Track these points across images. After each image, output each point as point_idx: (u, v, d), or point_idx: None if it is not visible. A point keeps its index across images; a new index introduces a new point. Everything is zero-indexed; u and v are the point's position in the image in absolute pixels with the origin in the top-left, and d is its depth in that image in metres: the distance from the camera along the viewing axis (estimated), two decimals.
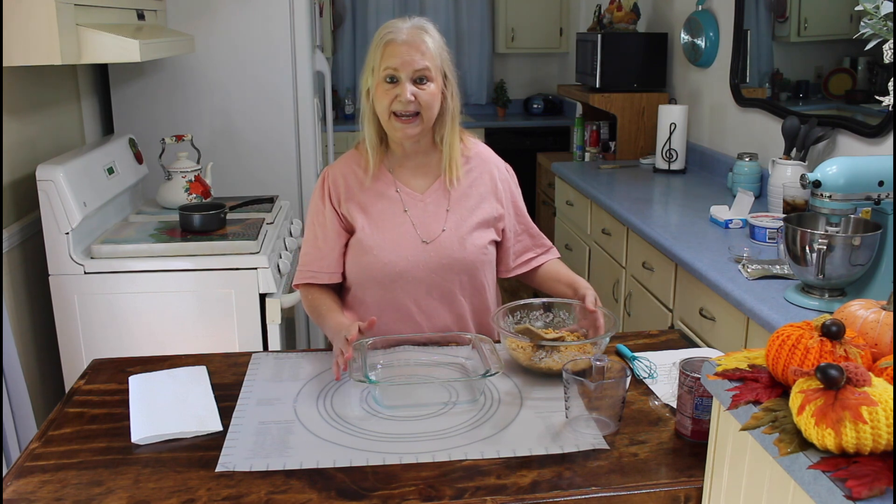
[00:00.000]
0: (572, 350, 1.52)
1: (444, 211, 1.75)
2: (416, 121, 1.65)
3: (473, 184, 1.78)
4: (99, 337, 2.35)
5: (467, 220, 1.75)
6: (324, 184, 1.78)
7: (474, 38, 5.76)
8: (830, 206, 1.77)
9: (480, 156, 1.83)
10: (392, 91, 1.63)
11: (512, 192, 1.86)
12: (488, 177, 1.81)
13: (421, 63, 1.62)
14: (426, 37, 1.65)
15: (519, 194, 1.88)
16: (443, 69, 1.68)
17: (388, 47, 1.63)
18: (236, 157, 3.21)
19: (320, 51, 3.44)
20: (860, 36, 2.03)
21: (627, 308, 2.87)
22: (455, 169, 1.75)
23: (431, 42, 1.65)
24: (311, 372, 1.60)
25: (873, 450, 0.83)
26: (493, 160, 1.85)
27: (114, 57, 2.21)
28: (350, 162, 1.78)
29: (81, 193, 2.33)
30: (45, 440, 1.35)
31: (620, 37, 3.83)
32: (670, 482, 1.21)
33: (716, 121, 3.43)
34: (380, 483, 1.21)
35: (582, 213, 3.42)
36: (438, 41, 1.68)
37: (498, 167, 1.85)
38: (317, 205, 1.78)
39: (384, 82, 1.64)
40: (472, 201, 1.77)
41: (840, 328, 0.95)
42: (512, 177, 1.88)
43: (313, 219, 1.79)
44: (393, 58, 1.62)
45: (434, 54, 1.65)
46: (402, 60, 1.61)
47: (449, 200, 1.76)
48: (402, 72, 1.62)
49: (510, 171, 1.89)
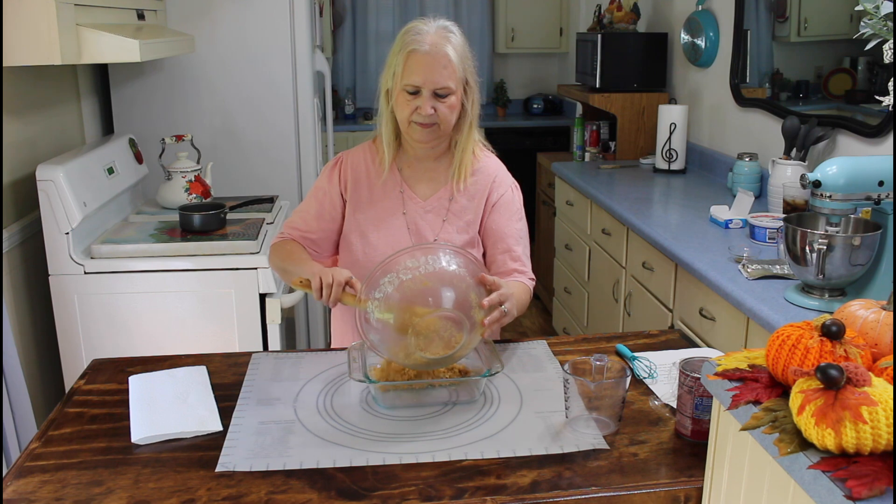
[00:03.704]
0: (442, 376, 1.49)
1: (441, 221, 1.75)
2: (433, 129, 1.66)
3: (473, 198, 1.77)
4: (99, 337, 2.35)
5: (461, 234, 1.75)
6: (337, 166, 1.80)
7: (474, 38, 5.76)
8: (830, 206, 1.77)
9: (484, 170, 1.78)
10: (413, 102, 1.64)
11: (501, 209, 1.77)
12: (486, 193, 1.77)
13: (443, 80, 1.62)
14: (449, 48, 1.62)
15: (511, 215, 1.78)
16: (465, 78, 1.67)
17: (411, 57, 1.62)
18: (236, 157, 3.22)
19: (320, 51, 3.44)
20: (860, 36, 2.03)
21: (627, 308, 2.87)
22: (463, 175, 1.74)
23: (454, 53, 1.63)
24: (311, 372, 1.60)
25: (873, 450, 0.83)
26: (495, 176, 1.79)
27: (114, 57, 2.21)
28: (366, 153, 1.80)
29: (81, 193, 2.33)
30: (45, 440, 1.35)
31: (620, 37, 3.83)
32: (670, 482, 1.21)
33: (716, 121, 3.43)
34: (380, 483, 1.21)
35: (582, 213, 3.42)
36: (461, 49, 1.66)
37: (497, 183, 1.78)
38: (323, 183, 1.80)
39: (405, 92, 1.64)
40: (469, 216, 1.76)
41: (840, 328, 0.95)
42: (513, 196, 1.80)
43: (315, 193, 1.80)
44: (415, 74, 1.61)
45: (457, 66, 1.63)
46: (425, 77, 1.61)
47: (448, 211, 1.76)
48: (424, 87, 1.62)
49: (514, 190, 1.80)
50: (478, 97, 1.72)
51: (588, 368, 1.38)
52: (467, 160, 1.74)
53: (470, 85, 1.68)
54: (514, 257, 1.76)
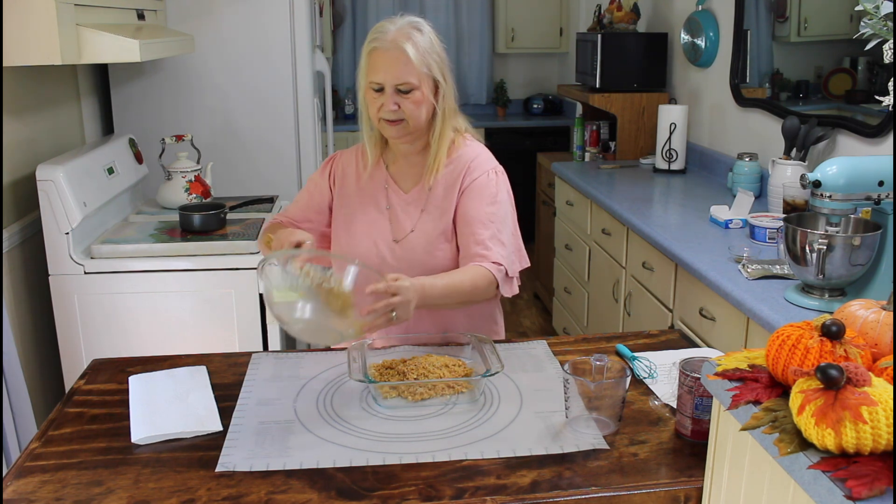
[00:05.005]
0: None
1: (419, 211, 1.77)
2: (401, 125, 1.68)
3: (448, 187, 1.76)
4: (99, 337, 2.35)
5: (437, 224, 1.75)
6: (329, 164, 1.88)
7: (474, 38, 5.76)
8: (830, 206, 1.77)
9: (461, 158, 1.76)
10: (378, 100, 1.67)
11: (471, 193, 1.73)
12: (459, 180, 1.75)
13: (402, 76, 1.63)
14: (409, 45, 1.62)
15: (482, 198, 1.73)
16: (430, 74, 1.66)
17: (371, 56, 1.66)
18: (236, 157, 3.22)
19: (320, 51, 3.44)
20: (860, 36, 2.02)
21: (627, 308, 2.87)
22: (436, 167, 1.75)
23: (414, 50, 1.63)
24: (311, 372, 1.60)
25: (873, 450, 0.83)
26: (470, 162, 1.75)
27: (114, 57, 2.21)
28: (357, 152, 1.87)
29: (81, 193, 2.33)
30: (45, 440, 1.35)
31: (620, 37, 3.83)
32: (670, 482, 1.21)
33: (716, 121, 3.43)
34: (380, 483, 1.21)
35: (582, 213, 3.42)
36: (426, 45, 1.65)
37: (472, 169, 1.75)
38: (316, 177, 1.89)
39: (371, 90, 1.67)
40: (447, 203, 1.76)
41: (840, 328, 0.95)
42: (487, 180, 1.74)
43: (308, 186, 1.90)
44: (376, 71, 1.65)
45: (417, 62, 1.63)
46: (384, 74, 1.64)
47: (427, 202, 1.77)
48: (386, 84, 1.65)
49: (492, 174, 1.75)
50: (451, 91, 1.72)
51: (588, 368, 1.38)
52: (441, 154, 1.75)
53: (438, 80, 1.68)
54: (477, 241, 1.70)
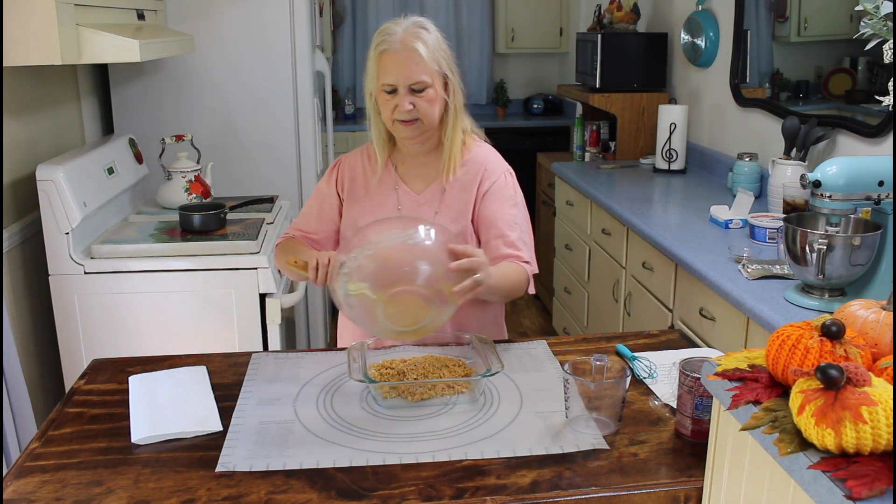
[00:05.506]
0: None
1: (433, 213, 1.76)
2: (416, 124, 1.69)
3: (464, 188, 1.77)
4: (99, 337, 2.35)
5: (452, 225, 1.74)
6: (335, 169, 1.87)
7: (474, 38, 5.76)
8: (830, 206, 1.77)
9: (475, 160, 1.78)
10: (392, 101, 1.67)
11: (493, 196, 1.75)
12: (477, 182, 1.76)
13: (416, 75, 1.64)
14: (419, 44, 1.64)
15: (504, 201, 1.76)
16: (441, 71, 1.68)
17: (382, 58, 1.66)
18: (236, 157, 3.22)
19: (320, 51, 3.44)
20: (860, 36, 2.02)
21: (627, 308, 2.87)
22: (453, 166, 1.75)
23: (425, 49, 1.64)
24: (311, 372, 1.60)
25: (873, 450, 0.83)
26: (486, 164, 1.78)
27: (114, 57, 2.21)
28: (363, 155, 1.86)
29: (81, 193, 2.33)
30: (45, 440, 1.35)
31: (620, 37, 3.83)
32: (670, 482, 1.21)
33: (716, 121, 3.43)
34: (380, 483, 1.21)
35: (582, 213, 3.42)
36: (434, 43, 1.67)
37: (489, 171, 1.77)
38: (322, 186, 1.87)
39: (384, 92, 1.67)
40: (461, 206, 1.76)
41: (840, 328, 0.95)
42: (505, 182, 1.78)
43: (316, 195, 1.89)
44: (388, 73, 1.65)
45: (429, 60, 1.65)
46: (398, 75, 1.64)
47: (441, 203, 1.76)
48: (399, 85, 1.65)
49: (507, 176, 1.79)
50: (460, 87, 1.73)
51: (588, 368, 1.38)
52: (456, 151, 1.76)
53: (448, 76, 1.70)
54: (507, 242, 1.73)
